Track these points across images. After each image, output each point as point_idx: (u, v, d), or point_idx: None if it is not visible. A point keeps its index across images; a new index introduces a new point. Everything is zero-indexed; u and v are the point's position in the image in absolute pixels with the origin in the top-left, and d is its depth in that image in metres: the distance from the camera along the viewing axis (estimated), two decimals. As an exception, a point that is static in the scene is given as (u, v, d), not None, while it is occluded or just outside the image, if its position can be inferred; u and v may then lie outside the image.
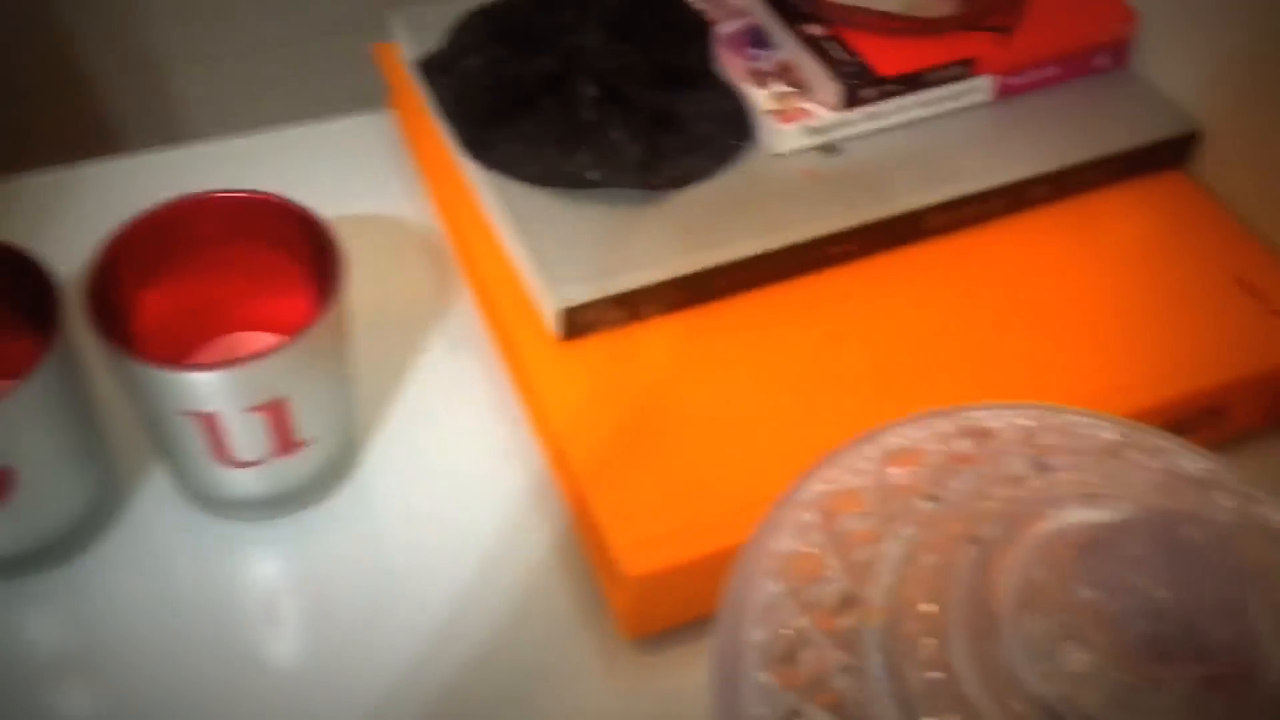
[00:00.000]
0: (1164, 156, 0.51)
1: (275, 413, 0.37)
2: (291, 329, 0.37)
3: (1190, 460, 0.29)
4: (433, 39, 0.51)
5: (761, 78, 0.50)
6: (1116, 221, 0.50)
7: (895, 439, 0.29)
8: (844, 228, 0.46)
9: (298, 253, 0.41)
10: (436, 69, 0.48)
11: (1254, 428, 0.46)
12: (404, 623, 0.40)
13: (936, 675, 0.24)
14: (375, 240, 0.52)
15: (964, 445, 0.28)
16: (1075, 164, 0.49)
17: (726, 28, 0.52)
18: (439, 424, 0.46)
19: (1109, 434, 0.29)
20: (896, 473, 0.28)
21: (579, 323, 0.44)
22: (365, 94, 0.58)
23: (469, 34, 0.49)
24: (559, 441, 0.42)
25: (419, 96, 0.50)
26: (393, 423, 0.46)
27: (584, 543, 0.42)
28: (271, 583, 0.42)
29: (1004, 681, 0.23)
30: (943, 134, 0.50)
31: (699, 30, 0.51)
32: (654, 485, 0.40)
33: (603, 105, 0.46)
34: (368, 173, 0.55)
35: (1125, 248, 0.49)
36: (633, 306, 0.44)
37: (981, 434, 0.28)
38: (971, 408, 0.29)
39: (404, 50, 0.52)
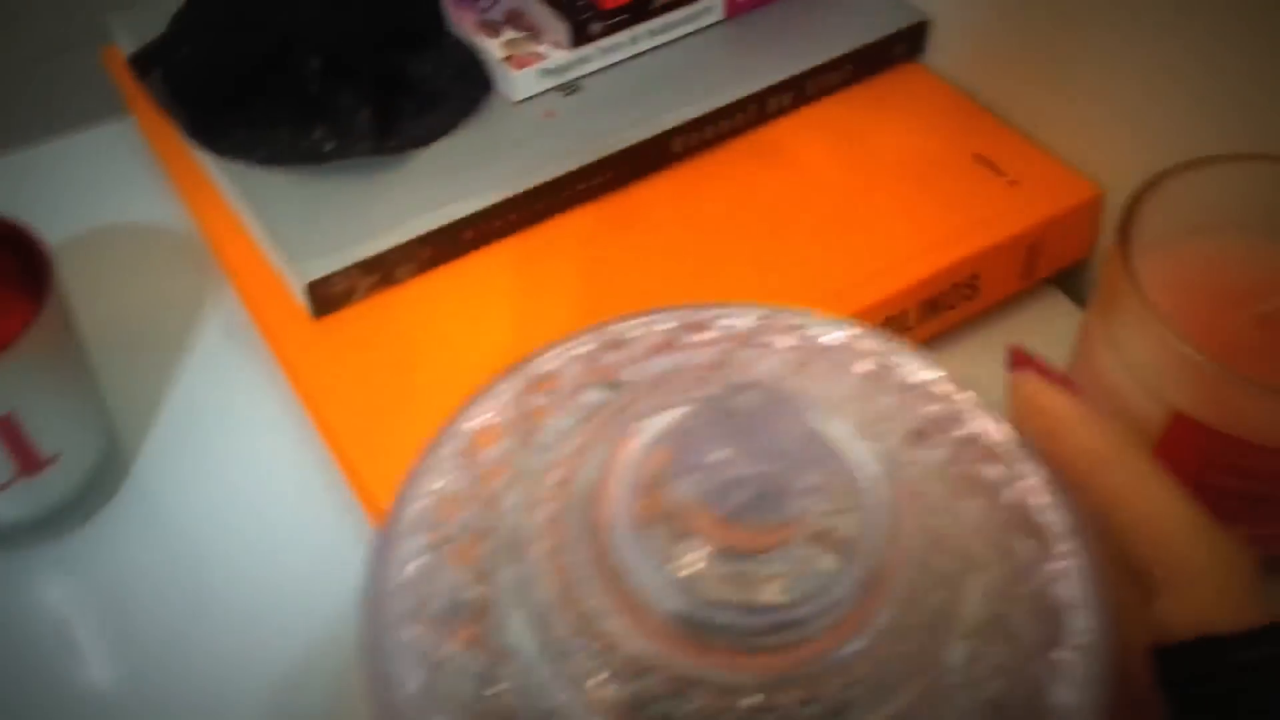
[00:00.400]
0: (898, 50, 0.53)
1: (6, 429, 0.36)
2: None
3: (824, 329, 0.29)
4: (152, 34, 0.50)
5: (492, 28, 0.50)
6: (858, 118, 0.51)
7: (539, 364, 0.29)
8: (589, 162, 0.46)
9: (10, 266, 0.40)
10: (149, 63, 0.46)
11: (1008, 295, 0.48)
12: (214, 624, 0.40)
13: (568, 601, 0.24)
14: (131, 247, 0.51)
15: (607, 358, 0.29)
16: (811, 67, 0.50)
17: (452, -17, 0.51)
18: (214, 420, 0.45)
19: (745, 321, 0.30)
20: (536, 399, 0.28)
21: (330, 295, 0.43)
22: (110, 103, 0.56)
23: (181, 24, 0.48)
24: (325, 417, 0.41)
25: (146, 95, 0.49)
26: (166, 426, 0.45)
27: (369, 516, 0.41)
28: (62, 608, 0.40)
29: (632, 599, 0.23)
30: (679, 58, 0.51)
31: (423, -11, 0.50)
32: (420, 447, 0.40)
33: (328, 77, 0.46)
34: (117, 182, 0.53)
35: (869, 141, 0.50)
36: (386, 271, 0.44)
37: (616, 345, 0.29)
38: (614, 321, 0.30)
39: (124, 51, 0.51)
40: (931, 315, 0.46)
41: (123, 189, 0.53)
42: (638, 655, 0.23)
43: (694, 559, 0.24)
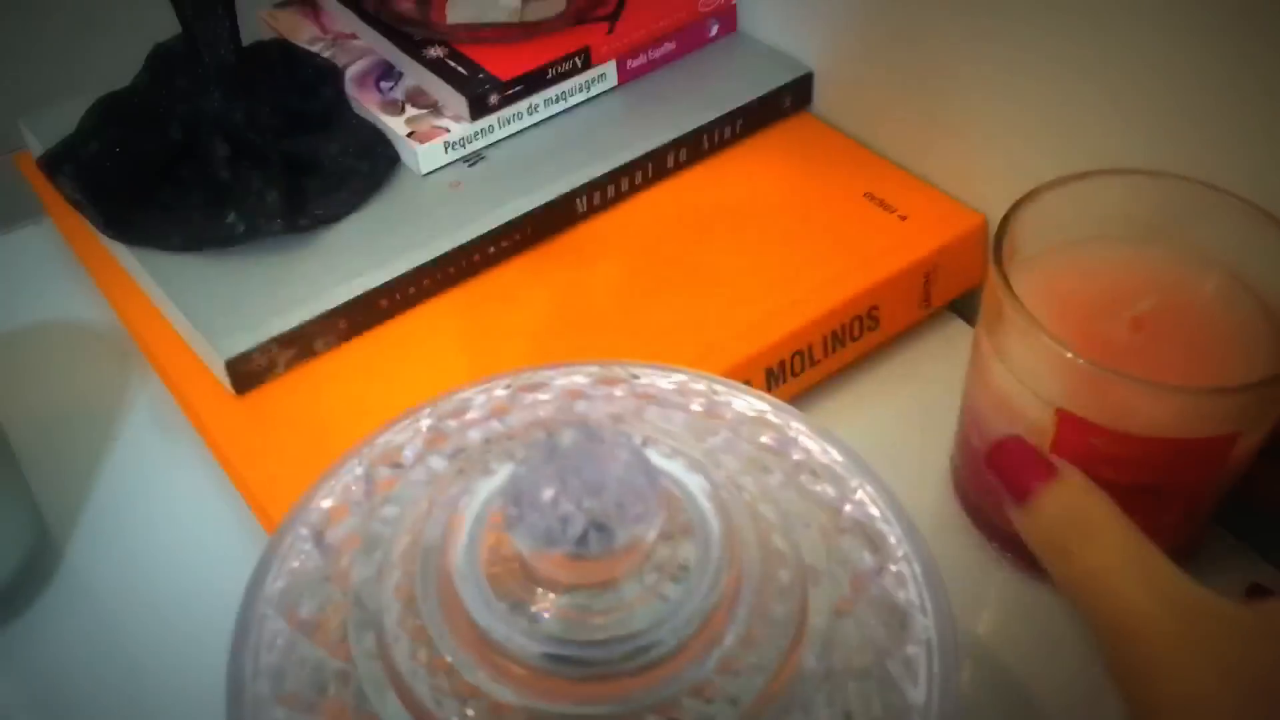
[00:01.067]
0: (787, 102, 0.55)
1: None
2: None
3: (656, 376, 0.32)
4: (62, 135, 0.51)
5: (396, 106, 0.52)
6: (754, 168, 0.53)
7: (384, 440, 0.30)
8: (496, 226, 0.48)
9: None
10: (57, 162, 0.48)
11: (909, 324, 0.50)
12: (154, 710, 0.40)
13: (429, 660, 0.25)
14: (54, 344, 0.52)
15: (446, 426, 0.30)
16: (704, 124, 0.52)
17: (354, 69, 0.53)
18: (143, 506, 0.46)
19: (580, 378, 0.32)
20: (381, 473, 0.29)
21: (250, 371, 0.44)
22: (26, 208, 0.57)
23: (87, 123, 0.49)
24: (252, 492, 0.42)
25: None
26: (96, 515, 0.45)
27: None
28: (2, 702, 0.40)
29: (488, 646, 0.25)
30: (578, 124, 0.53)
31: (325, 75, 0.52)
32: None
33: (236, 162, 0.47)
34: (38, 282, 0.54)
35: (766, 189, 0.52)
36: (304, 344, 0.45)
37: (457, 413, 0.30)
38: (454, 390, 0.31)
39: (35, 152, 0.52)
40: (837, 347, 0.48)
41: (44, 289, 0.54)
42: (502, 702, 0.24)
43: (542, 602, 0.25)
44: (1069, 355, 0.35)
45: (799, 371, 0.47)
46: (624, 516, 0.24)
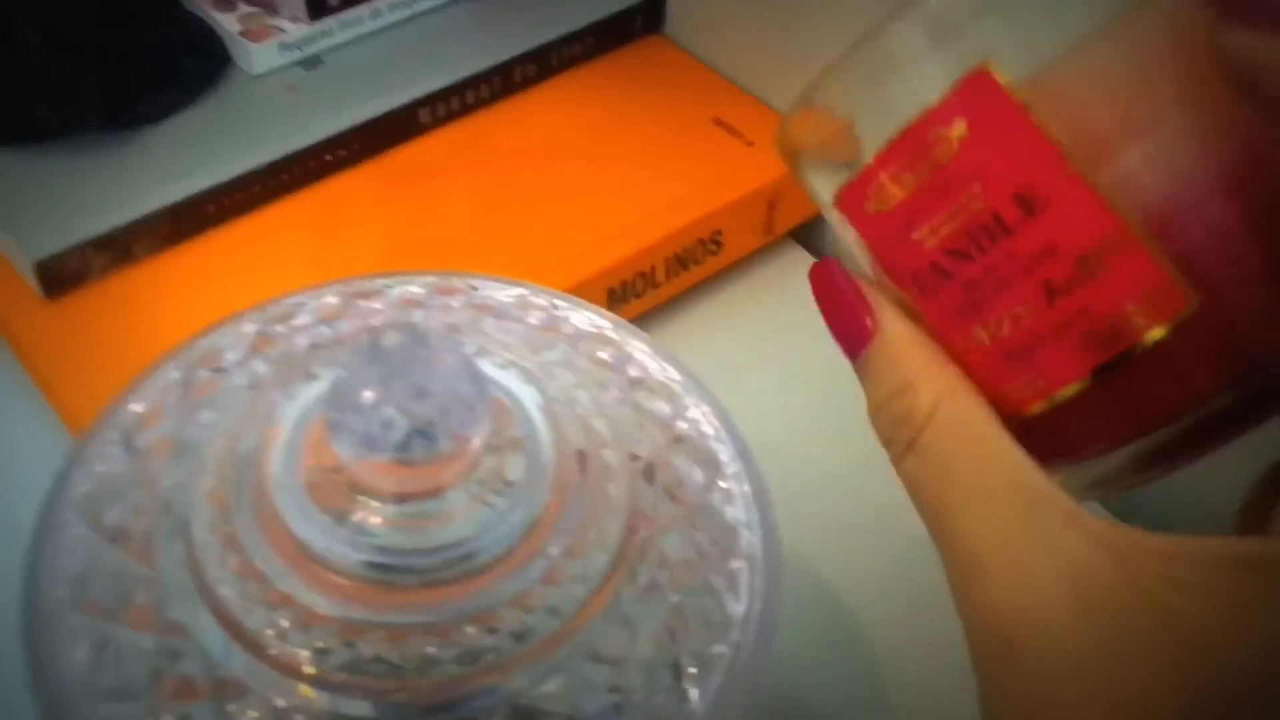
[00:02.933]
0: (638, 23, 0.54)
1: None
2: None
3: (495, 289, 0.31)
4: None
5: (227, 3, 0.49)
6: (602, 88, 0.52)
7: (205, 343, 0.29)
8: (333, 134, 0.46)
9: None
10: None
11: (751, 251, 0.50)
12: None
13: (237, 567, 0.24)
14: None
15: (276, 330, 0.29)
16: (552, 40, 0.51)
17: (183, -41, 0.50)
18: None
19: (415, 288, 0.31)
20: (200, 376, 0.28)
21: (62, 275, 0.41)
22: None
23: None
24: (62, 401, 0.40)
25: None
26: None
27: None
28: None
29: (304, 559, 0.24)
30: (423, 32, 0.51)
31: (152, -36, 0.49)
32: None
33: (51, 51, 0.44)
34: None
35: (614, 110, 0.51)
36: (122, 248, 0.43)
37: (284, 318, 0.29)
38: (282, 296, 0.30)
39: None
40: (680, 271, 0.47)
41: None
42: (315, 611, 0.23)
43: (363, 511, 0.24)
44: None
45: (641, 293, 0.46)
46: (448, 422, 0.24)
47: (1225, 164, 0.21)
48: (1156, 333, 0.21)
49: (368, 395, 0.23)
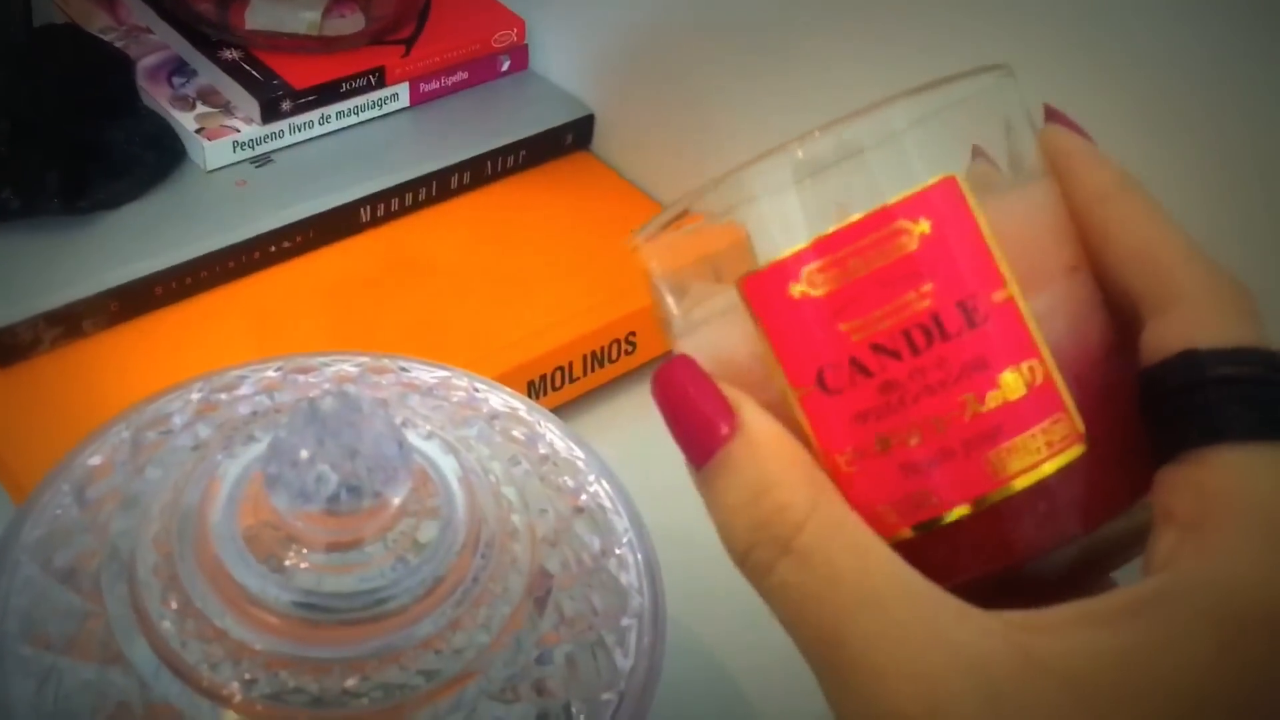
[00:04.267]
0: (568, 139, 0.59)
1: None
2: None
3: (423, 371, 0.35)
4: None
5: (186, 103, 0.53)
6: (531, 198, 0.56)
7: (154, 407, 0.32)
8: (276, 227, 0.50)
9: None
10: None
11: (663, 350, 0.54)
12: None
13: (178, 606, 0.27)
14: None
15: (220, 398, 0.32)
16: (487, 151, 0.56)
17: (146, 61, 0.54)
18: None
19: (350, 366, 0.34)
20: (148, 436, 0.31)
21: (14, 345, 0.44)
22: None
23: None
24: (6, 466, 0.42)
25: None
26: None
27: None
28: None
29: (240, 594, 0.27)
30: (367, 138, 0.55)
31: (117, 63, 0.53)
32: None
33: (17, 139, 0.47)
34: None
35: (542, 218, 0.55)
36: (72, 323, 0.45)
37: (228, 388, 0.33)
38: (227, 369, 0.33)
39: None
40: (597, 367, 0.51)
41: None
42: (247, 644, 0.26)
43: (294, 557, 0.27)
44: None
45: (559, 385, 0.50)
46: (374, 480, 0.27)
47: (1105, 327, 0.24)
48: (1050, 466, 0.22)
49: (304, 452, 0.26)
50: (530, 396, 0.49)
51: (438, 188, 0.55)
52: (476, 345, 0.48)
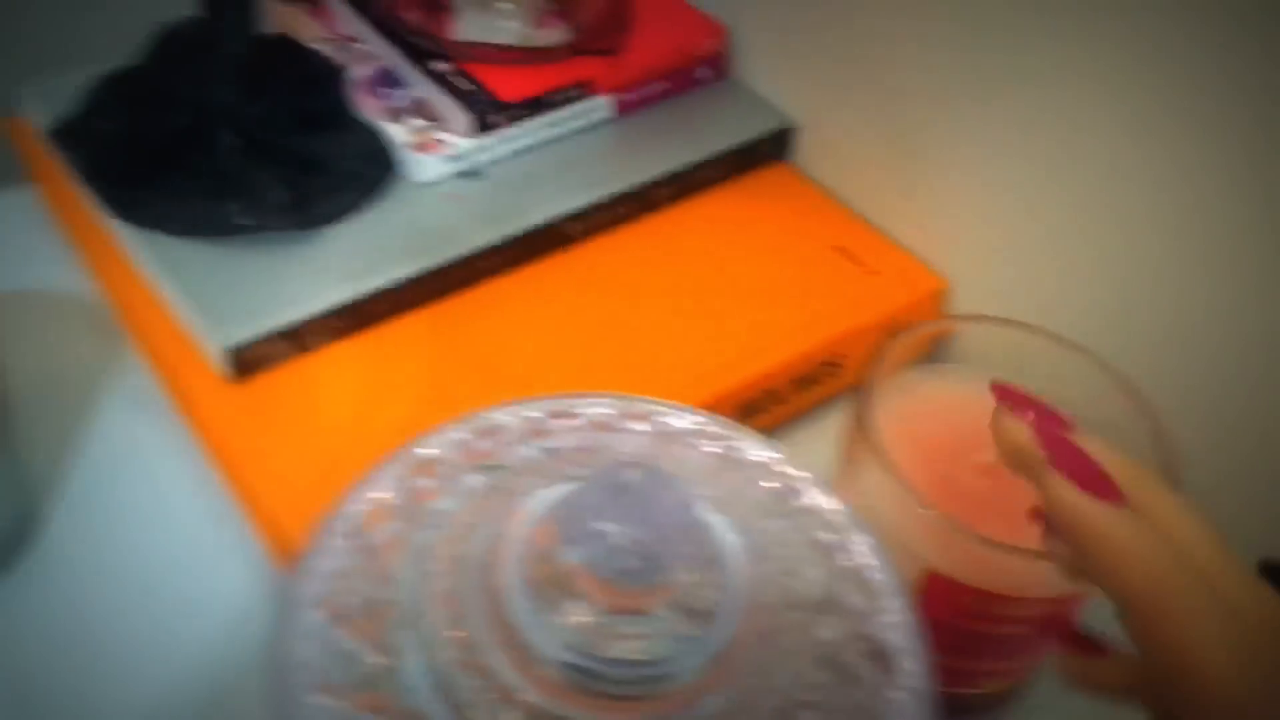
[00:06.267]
0: (768, 151, 0.58)
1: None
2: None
3: (674, 415, 0.34)
4: (63, 108, 0.51)
5: (397, 115, 0.53)
6: (731, 213, 0.56)
7: (421, 451, 0.32)
8: (489, 243, 0.50)
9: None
10: (68, 136, 0.48)
11: (868, 373, 0.53)
12: (124, 685, 0.41)
13: (468, 661, 0.27)
14: (31, 315, 0.52)
15: (482, 444, 0.32)
16: (689, 164, 0.55)
17: (358, 72, 0.55)
18: (122, 484, 0.46)
19: (604, 409, 0.34)
20: (420, 483, 0.31)
21: (247, 360, 0.45)
22: (9, 172, 0.57)
23: (99, 99, 0.50)
24: (241, 477, 0.43)
25: (58, 166, 0.51)
26: (76, 490, 0.46)
27: (280, 574, 0.43)
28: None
29: (524, 653, 0.27)
30: (572, 150, 0.55)
31: (331, 76, 0.53)
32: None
33: (244, 154, 0.48)
34: (14, 249, 0.54)
35: (744, 233, 0.55)
36: (299, 339, 0.46)
37: (490, 433, 0.32)
38: (485, 410, 0.33)
39: (35, 121, 0.52)
40: (802, 390, 0.50)
41: (24, 256, 0.54)
42: (530, 703, 0.26)
43: (579, 617, 0.27)
44: (932, 514, 0.35)
45: (768, 407, 0.49)
46: (667, 556, 0.27)
47: None
48: None
49: (606, 524, 0.26)
50: (740, 421, 0.48)
51: (641, 203, 0.54)
52: (684, 367, 0.48)
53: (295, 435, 0.44)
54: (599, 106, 0.56)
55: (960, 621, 0.37)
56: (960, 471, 0.38)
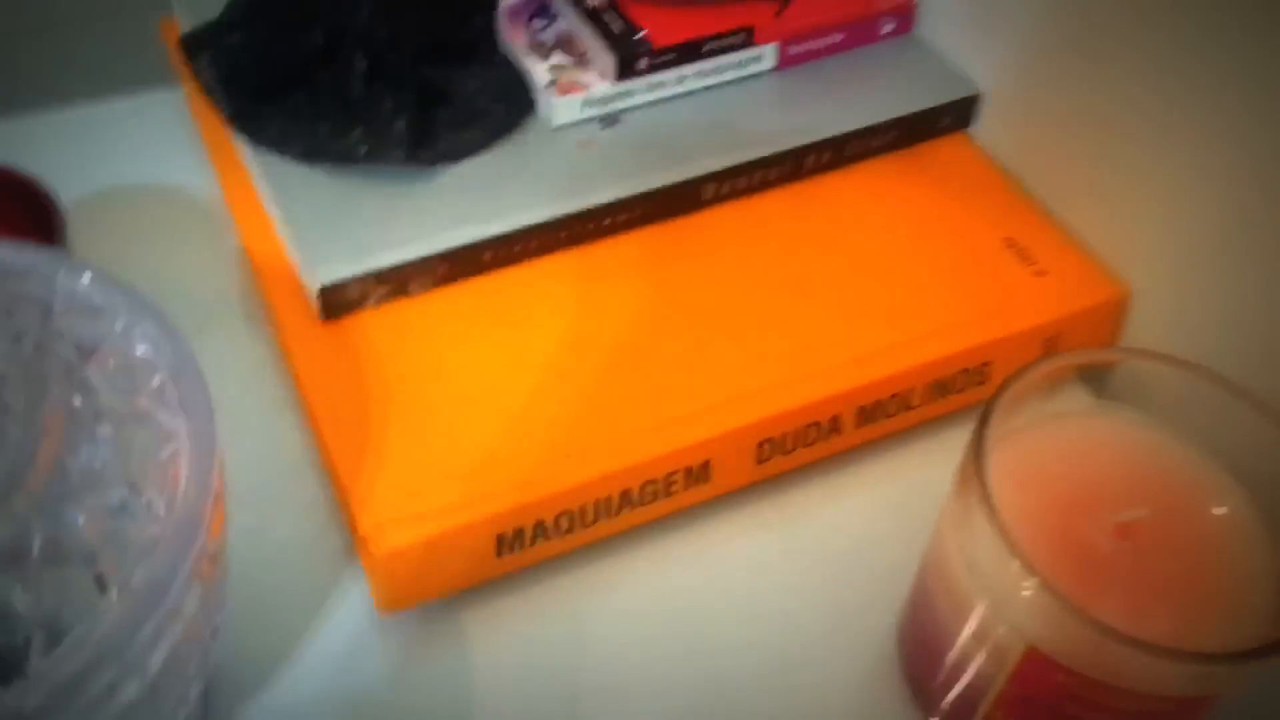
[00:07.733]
0: (945, 121, 0.52)
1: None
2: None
3: None
4: (211, 14, 0.50)
5: (543, 49, 0.50)
6: (895, 185, 0.50)
7: None
8: (616, 199, 0.46)
9: (23, 221, 0.40)
10: (198, 46, 0.47)
11: (1018, 386, 0.47)
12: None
13: None
14: (158, 214, 0.52)
15: None
16: (854, 129, 0.50)
17: (508, 1, 0.52)
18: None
19: None
20: None
21: (340, 301, 0.43)
22: (162, 72, 0.57)
23: (235, 10, 0.48)
24: (314, 418, 0.42)
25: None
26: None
27: (343, 513, 0.42)
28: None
29: None
30: (725, 103, 0.50)
31: (479, 4, 0.50)
32: (410, 462, 0.40)
33: (372, 80, 0.46)
34: (156, 147, 0.54)
35: (903, 211, 0.49)
36: (400, 283, 0.44)
37: None
38: None
39: (183, 25, 0.51)
40: (938, 397, 0.45)
41: (162, 156, 0.54)
42: None
43: None
44: (1049, 597, 0.30)
45: (892, 414, 0.45)
46: None
47: None
48: None
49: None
50: (858, 424, 0.44)
51: (790, 167, 0.50)
52: (804, 356, 0.43)
53: (381, 380, 0.42)
54: (759, 57, 0.51)
55: (1066, 709, 0.32)
56: (1091, 529, 0.33)
